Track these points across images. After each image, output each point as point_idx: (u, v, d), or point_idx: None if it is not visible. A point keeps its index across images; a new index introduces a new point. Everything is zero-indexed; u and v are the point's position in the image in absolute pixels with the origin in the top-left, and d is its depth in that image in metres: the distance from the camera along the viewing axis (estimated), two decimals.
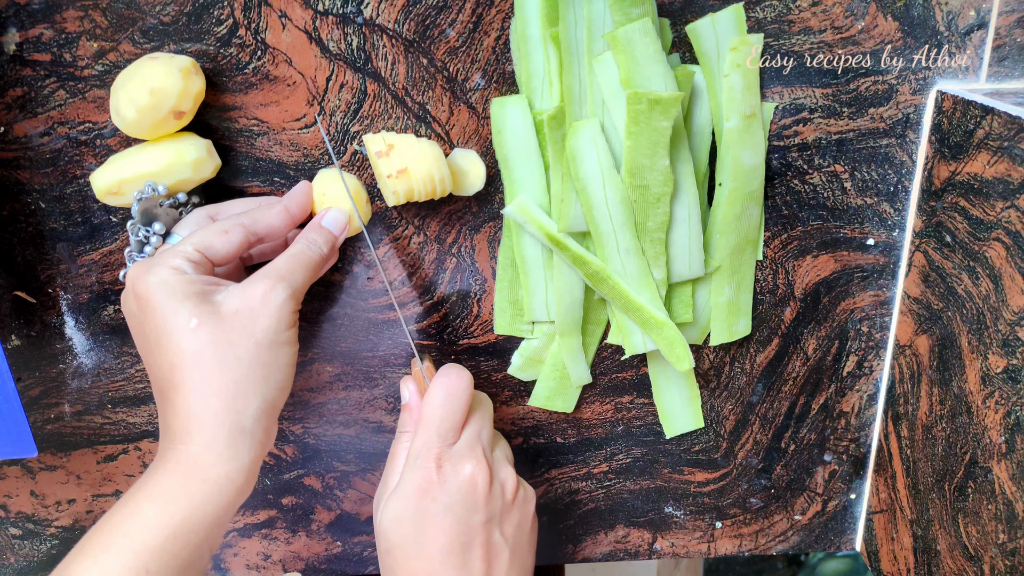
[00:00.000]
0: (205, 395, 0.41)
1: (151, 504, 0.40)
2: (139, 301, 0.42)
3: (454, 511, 0.45)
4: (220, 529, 0.42)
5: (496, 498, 0.46)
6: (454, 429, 0.47)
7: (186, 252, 0.43)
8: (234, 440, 0.41)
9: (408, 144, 0.47)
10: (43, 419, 0.55)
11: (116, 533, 0.39)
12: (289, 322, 0.43)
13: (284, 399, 0.44)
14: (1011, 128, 0.43)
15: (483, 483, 0.45)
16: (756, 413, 0.58)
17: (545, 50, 0.47)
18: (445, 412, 0.46)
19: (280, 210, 0.46)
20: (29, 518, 0.59)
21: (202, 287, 0.42)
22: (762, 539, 0.62)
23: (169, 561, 0.39)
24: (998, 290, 0.44)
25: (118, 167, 0.46)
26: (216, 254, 0.44)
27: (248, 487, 0.43)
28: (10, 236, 0.51)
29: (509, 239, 0.52)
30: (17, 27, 0.46)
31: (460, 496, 0.45)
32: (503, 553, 0.46)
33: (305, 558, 0.62)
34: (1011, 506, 0.44)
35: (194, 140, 0.47)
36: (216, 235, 0.44)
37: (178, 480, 0.41)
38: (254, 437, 0.42)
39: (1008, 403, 0.44)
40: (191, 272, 0.42)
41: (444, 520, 0.45)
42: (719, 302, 0.53)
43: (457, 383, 0.47)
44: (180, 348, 0.41)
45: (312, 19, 0.47)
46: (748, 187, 0.50)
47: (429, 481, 0.45)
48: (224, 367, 0.41)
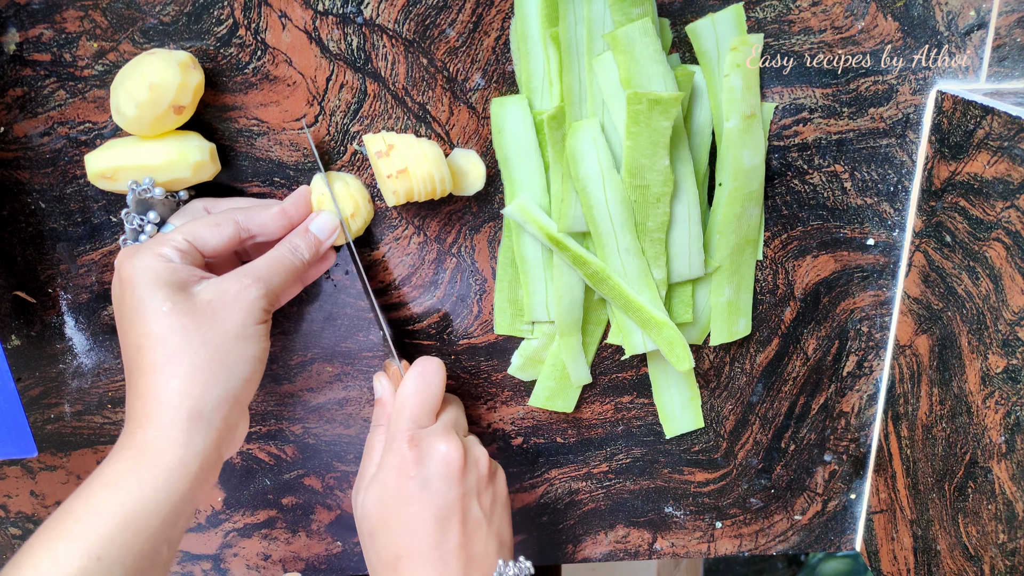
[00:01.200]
0: (165, 376, 0.41)
1: (104, 490, 0.40)
2: (121, 283, 0.43)
3: (432, 486, 0.46)
4: (178, 520, 0.41)
5: (471, 473, 0.48)
6: (428, 415, 0.48)
7: (175, 240, 0.44)
8: (190, 425, 0.41)
9: (408, 144, 0.47)
10: (43, 419, 0.55)
11: (70, 519, 0.39)
12: (258, 318, 0.44)
13: (250, 394, 0.45)
14: (1011, 128, 0.43)
15: (457, 459, 0.47)
16: (756, 413, 0.58)
17: (545, 50, 0.47)
18: (419, 399, 0.48)
19: (277, 211, 0.47)
20: (29, 518, 0.59)
21: (184, 276, 0.43)
22: (762, 539, 0.62)
23: (122, 548, 0.39)
24: (998, 290, 0.44)
25: (116, 153, 0.46)
26: (205, 245, 0.45)
27: (204, 477, 0.42)
28: (10, 236, 0.51)
29: (509, 239, 0.52)
30: (17, 27, 0.46)
31: (436, 472, 0.46)
32: (481, 526, 0.47)
33: (305, 558, 0.62)
34: (1011, 506, 0.44)
35: (198, 142, 0.47)
36: (207, 227, 0.45)
37: (131, 465, 0.41)
38: (211, 425, 0.42)
39: (1008, 403, 0.44)
40: (177, 260, 0.43)
41: (423, 495, 0.46)
42: (719, 302, 0.53)
43: (430, 372, 0.48)
44: (148, 329, 0.42)
45: (312, 19, 0.47)
46: (748, 187, 0.50)
47: (405, 461, 0.46)
48: (187, 351, 0.41)
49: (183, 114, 0.45)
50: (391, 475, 0.47)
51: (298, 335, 0.54)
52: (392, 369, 0.52)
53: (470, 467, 0.48)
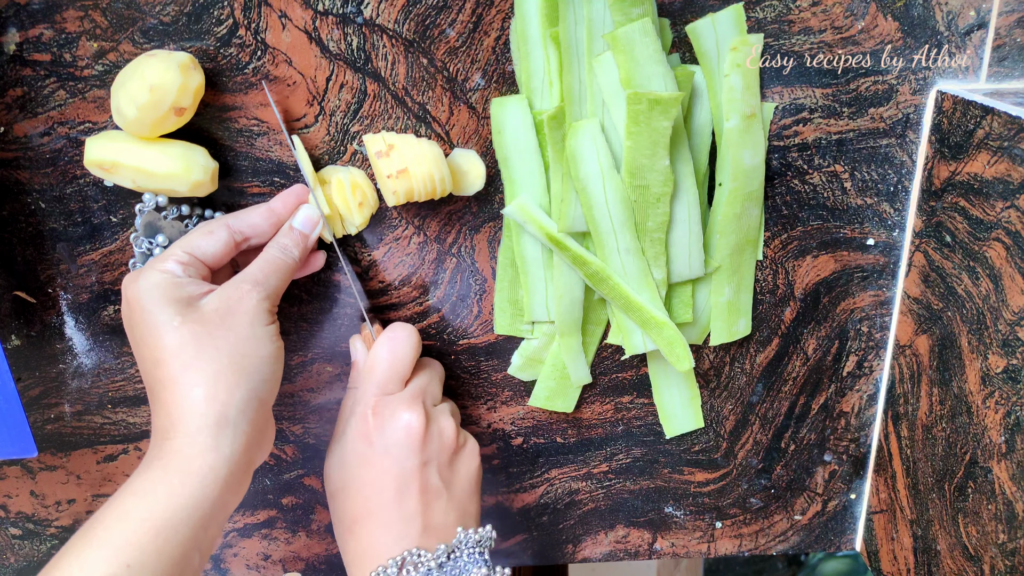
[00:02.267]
0: (187, 386, 0.42)
1: (133, 498, 0.40)
2: (129, 305, 0.44)
3: (391, 453, 0.47)
4: (210, 526, 0.41)
5: (433, 443, 0.48)
6: (395, 381, 0.48)
7: (176, 255, 0.44)
8: (217, 430, 0.41)
9: (408, 144, 0.47)
10: (43, 419, 0.55)
11: (99, 527, 0.40)
12: (265, 320, 0.44)
13: (272, 395, 0.45)
14: (1011, 128, 0.43)
15: (418, 428, 0.47)
16: (756, 413, 0.58)
17: (545, 50, 0.47)
18: (386, 365, 0.48)
19: (263, 209, 0.47)
20: (29, 518, 0.59)
21: (190, 290, 0.43)
22: (762, 539, 0.62)
23: (152, 556, 0.39)
24: (998, 290, 0.44)
25: (118, 148, 0.46)
26: (204, 253, 0.45)
27: (237, 482, 0.42)
28: (10, 236, 0.51)
29: (509, 239, 0.52)
30: (17, 27, 0.46)
31: (395, 439, 0.47)
32: (441, 496, 0.47)
33: (305, 558, 0.62)
34: (1011, 506, 0.44)
35: (204, 160, 0.46)
36: (202, 235, 0.45)
37: (160, 474, 0.41)
38: (238, 428, 0.42)
39: (1008, 403, 0.44)
40: (181, 274, 0.44)
41: (382, 461, 0.47)
42: (719, 302, 0.53)
43: (401, 338, 0.49)
44: (163, 343, 0.42)
45: (312, 19, 0.47)
46: (748, 187, 0.50)
47: (367, 426, 0.47)
48: (205, 359, 0.42)
49: (184, 116, 0.45)
50: (354, 439, 0.48)
51: (298, 335, 0.54)
52: (365, 333, 0.52)
53: (432, 437, 0.48)
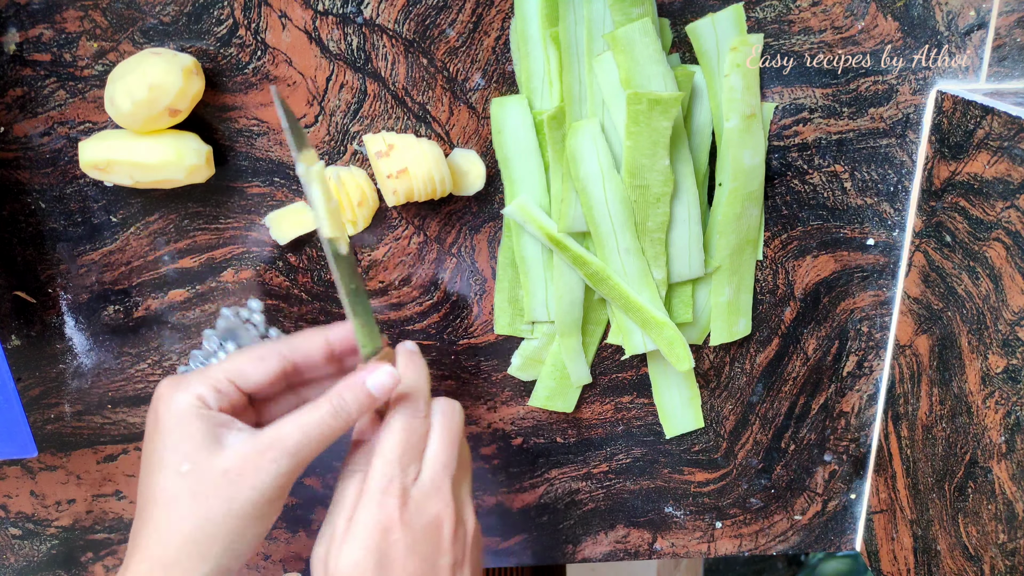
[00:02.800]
0: (163, 542, 0.41)
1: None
2: (156, 415, 0.42)
3: (419, 552, 0.42)
4: None
5: (460, 541, 0.44)
6: (417, 459, 0.43)
7: (215, 379, 0.42)
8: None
9: (408, 144, 0.47)
10: (43, 419, 0.55)
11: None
12: (275, 496, 0.41)
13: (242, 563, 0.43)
14: (1011, 128, 0.43)
15: (449, 526, 0.43)
16: (756, 413, 0.58)
17: (545, 50, 0.47)
18: (405, 439, 0.43)
19: (320, 341, 0.44)
20: (29, 518, 0.59)
21: (215, 424, 0.41)
22: (762, 539, 0.62)
23: None
24: (998, 290, 0.44)
25: (110, 145, 0.46)
26: (247, 381, 0.43)
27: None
28: (10, 236, 0.51)
29: (509, 239, 0.52)
30: (17, 27, 0.46)
31: (424, 537, 0.42)
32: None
33: (305, 558, 0.62)
34: (1011, 506, 0.44)
35: (196, 144, 0.46)
36: (251, 361, 0.43)
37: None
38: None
39: (1008, 403, 0.44)
40: (212, 404, 0.42)
41: (408, 562, 0.42)
42: (719, 302, 0.53)
43: (417, 411, 0.44)
44: (162, 486, 0.41)
45: (312, 19, 0.47)
46: (748, 187, 0.50)
47: (391, 520, 0.42)
48: (191, 520, 0.40)
49: (177, 117, 0.45)
50: (372, 533, 0.42)
51: None
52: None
53: (460, 534, 0.44)
